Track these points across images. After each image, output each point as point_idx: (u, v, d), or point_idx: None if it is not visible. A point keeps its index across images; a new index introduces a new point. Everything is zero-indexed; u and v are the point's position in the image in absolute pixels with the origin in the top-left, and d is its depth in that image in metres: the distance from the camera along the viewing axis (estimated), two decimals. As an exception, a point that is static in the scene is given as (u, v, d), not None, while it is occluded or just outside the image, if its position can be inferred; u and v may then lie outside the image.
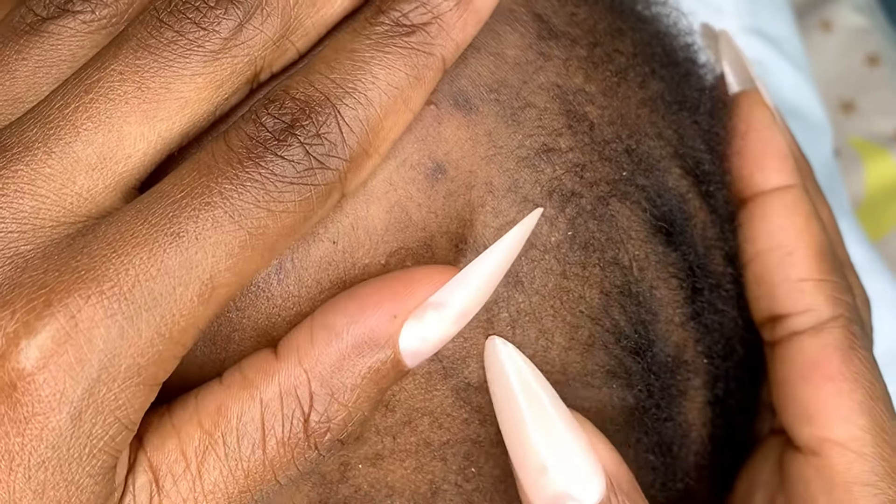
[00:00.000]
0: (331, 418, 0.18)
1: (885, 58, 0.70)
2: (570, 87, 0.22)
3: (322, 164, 0.18)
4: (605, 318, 0.22)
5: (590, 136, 0.22)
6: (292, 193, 0.18)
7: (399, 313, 0.19)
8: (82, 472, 0.17)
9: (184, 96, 0.19)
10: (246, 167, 0.18)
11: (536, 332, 0.21)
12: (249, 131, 0.18)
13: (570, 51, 0.23)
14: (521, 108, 0.22)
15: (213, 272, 0.17)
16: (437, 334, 0.19)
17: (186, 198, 0.18)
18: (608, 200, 0.22)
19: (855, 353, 0.23)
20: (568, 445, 0.19)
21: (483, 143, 0.21)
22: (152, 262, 0.17)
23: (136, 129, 0.18)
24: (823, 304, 0.24)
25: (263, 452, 0.18)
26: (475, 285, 0.19)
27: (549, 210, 0.21)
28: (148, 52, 0.19)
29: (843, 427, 0.23)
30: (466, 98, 0.21)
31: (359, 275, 0.20)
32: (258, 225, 0.18)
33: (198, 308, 0.18)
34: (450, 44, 0.20)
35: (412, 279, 0.19)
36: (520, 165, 0.21)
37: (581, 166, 0.22)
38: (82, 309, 0.17)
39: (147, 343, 0.17)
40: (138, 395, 0.17)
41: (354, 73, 0.19)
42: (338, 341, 0.18)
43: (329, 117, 0.18)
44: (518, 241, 0.19)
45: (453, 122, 0.21)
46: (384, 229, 0.20)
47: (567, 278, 0.21)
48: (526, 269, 0.21)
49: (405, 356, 0.19)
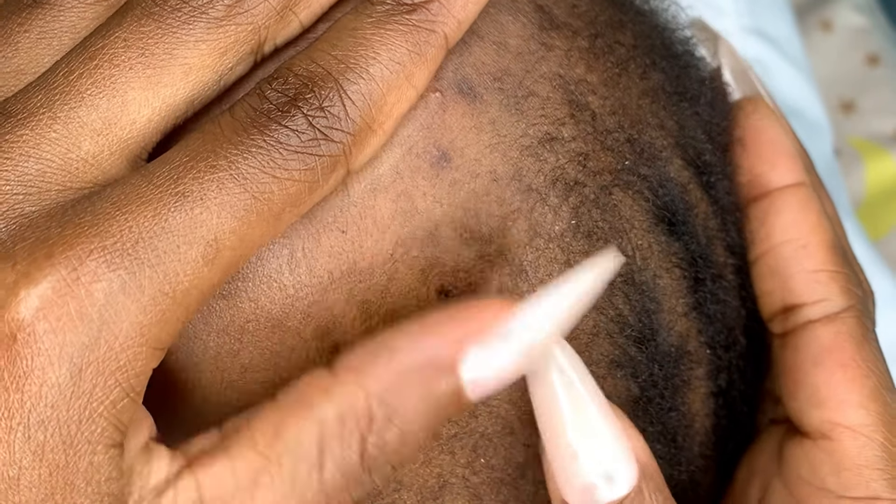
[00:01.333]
0: (387, 442, 0.18)
1: (885, 58, 0.70)
2: (572, 77, 0.22)
3: (326, 136, 0.18)
4: (609, 308, 0.22)
5: (592, 125, 0.22)
6: (297, 162, 0.18)
7: (463, 339, 0.18)
8: (81, 436, 0.17)
9: (188, 62, 0.19)
10: (251, 135, 0.18)
11: None
12: (254, 104, 0.18)
13: (571, 42, 0.23)
14: (525, 97, 0.22)
15: (218, 232, 0.17)
16: (501, 364, 0.18)
17: (191, 161, 0.18)
18: (611, 190, 0.22)
19: (867, 343, 0.24)
20: (601, 433, 0.19)
21: (487, 131, 0.21)
22: (156, 220, 0.17)
23: (141, 94, 0.19)
24: (838, 294, 0.24)
25: (320, 477, 0.17)
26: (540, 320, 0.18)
27: (553, 199, 0.21)
28: (152, 19, 0.19)
29: (856, 412, 0.23)
30: (471, 86, 0.21)
31: (367, 265, 0.20)
32: (263, 190, 0.18)
33: (202, 269, 0.17)
34: (451, 21, 0.20)
35: (478, 308, 0.18)
36: (523, 154, 0.21)
37: (584, 155, 0.22)
38: (84, 262, 0.17)
39: (150, 300, 0.17)
40: (140, 356, 0.17)
41: (356, 50, 0.19)
42: (399, 362, 0.18)
43: (332, 91, 0.18)
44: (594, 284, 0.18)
45: (458, 110, 0.21)
46: (391, 218, 0.20)
47: (571, 267, 0.21)
48: (530, 258, 0.21)
49: (467, 385, 0.18)
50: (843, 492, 0.23)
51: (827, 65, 0.70)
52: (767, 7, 0.63)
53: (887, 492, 0.23)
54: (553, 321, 0.18)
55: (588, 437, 0.19)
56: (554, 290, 0.18)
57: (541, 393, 0.19)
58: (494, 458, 0.21)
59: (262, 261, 0.20)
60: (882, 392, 0.23)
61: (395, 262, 0.20)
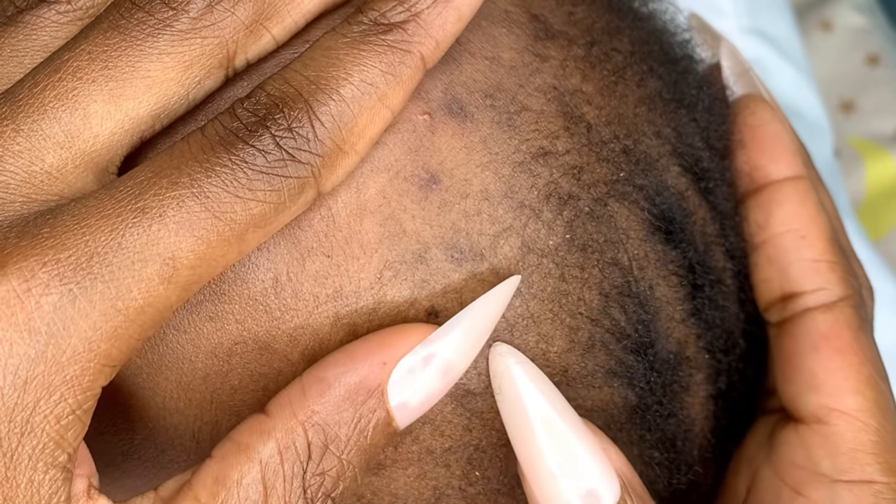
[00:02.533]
0: (325, 470, 0.18)
1: (885, 58, 0.70)
2: (567, 88, 0.22)
3: (293, 157, 0.18)
4: (605, 319, 0.22)
5: (587, 137, 0.22)
6: (262, 182, 0.18)
7: (388, 361, 0.19)
8: (22, 451, 0.17)
9: (151, 75, 0.19)
10: (217, 153, 0.18)
11: (536, 337, 0.21)
12: (225, 122, 0.18)
13: (567, 51, 0.23)
14: (517, 112, 0.22)
15: (176, 251, 0.17)
16: (424, 386, 0.19)
17: (154, 177, 0.18)
18: (606, 201, 0.22)
19: (864, 332, 0.24)
20: (577, 451, 0.19)
21: (478, 150, 0.21)
22: (113, 236, 0.17)
23: (102, 107, 0.19)
24: (836, 283, 0.25)
25: None
26: (460, 337, 0.19)
27: (546, 214, 0.21)
28: (117, 31, 0.19)
29: (852, 398, 0.24)
30: (461, 105, 0.21)
31: (353, 289, 0.20)
32: (225, 209, 0.18)
33: (158, 287, 0.17)
34: (429, 42, 0.20)
35: (401, 331, 0.19)
36: (516, 171, 0.21)
37: (578, 168, 0.22)
38: (37, 274, 0.17)
39: (100, 316, 0.17)
40: (88, 371, 0.17)
41: (328, 70, 0.19)
42: (330, 391, 0.18)
43: (301, 112, 0.18)
44: (502, 299, 0.20)
45: (447, 131, 0.21)
46: (378, 242, 0.20)
47: (565, 281, 0.21)
48: (524, 274, 0.21)
49: (395, 410, 0.19)
50: (837, 475, 0.23)
51: (827, 65, 0.70)
52: (767, 7, 0.63)
53: (881, 475, 0.23)
54: (472, 342, 0.19)
55: (564, 456, 0.19)
56: (467, 313, 0.19)
57: (510, 415, 0.20)
58: (490, 469, 0.21)
59: (247, 284, 0.20)
60: (877, 380, 0.24)
61: (382, 285, 0.20)
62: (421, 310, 0.21)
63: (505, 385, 0.20)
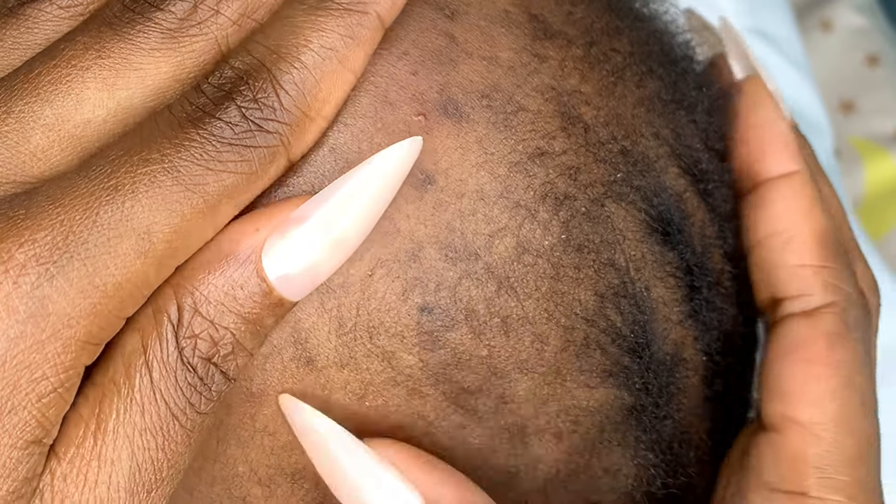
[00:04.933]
0: (196, 333, 0.18)
1: (885, 58, 0.70)
2: (566, 88, 0.22)
3: (261, 127, 0.18)
4: (601, 320, 0.22)
5: (584, 137, 0.22)
6: (232, 153, 0.18)
7: (261, 226, 0.19)
8: (2, 429, 0.17)
9: (143, 68, 0.19)
10: (185, 129, 0.18)
11: (531, 337, 0.21)
12: (191, 98, 0.19)
13: (565, 51, 0.23)
14: (514, 112, 0.22)
15: (150, 225, 0.18)
16: (303, 254, 0.19)
17: (125, 155, 0.18)
18: (603, 202, 0.22)
19: (842, 342, 0.24)
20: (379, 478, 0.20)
21: (474, 150, 0.21)
22: (87, 214, 0.17)
23: (95, 94, 0.19)
24: (819, 289, 0.24)
25: (150, 379, 0.18)
26: (340, 203, 0.19)
27: (542, 214, 0.21)
28: (109, 28, 0.19)
29: (808, 409, 0.23)
30: (457, 106, 0.21)
31: (342, 282, 0.20)
32: (196, 182, 0.18)
33: (134, 261, 0.18)
34: (384, 1, 0.20)
35: (280, 203, 0.19)
36: (512, 171, 0.21)
37: (575, 168, 0.22)
38: (14, 255, 0.17)
39: (78, 293, 0.17)
40: (68, 350, 0.17)
41: (287, 38, 0.19)
42: (201, 256, 0.18)
43: (265, 82, 0.19)
44: (395, 166, 0.19)
45: (443, 132, 0.21)
46: (371, 241, 0.20)
47: (561, 281, 0.21)
48: (518, 273, 0.21)
49: (275, 281, 0.19)
50: (776, 484, 0.23)
51: (827, 65, 0.70)
52: (767, 7, 0.63)
53: (816, 490, 0.22)
54: (355, 206, 0.19)
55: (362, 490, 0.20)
56: (356, 173, 0.19)
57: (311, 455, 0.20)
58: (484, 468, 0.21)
59: None
60: (844, 393, 0.23)
61: (373, 281, 0.20)
62: (413, 306, 0.21)
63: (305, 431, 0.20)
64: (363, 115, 0.21)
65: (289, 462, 0.21)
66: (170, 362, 0.18)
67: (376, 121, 0.21)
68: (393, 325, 0.21)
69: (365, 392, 0.21)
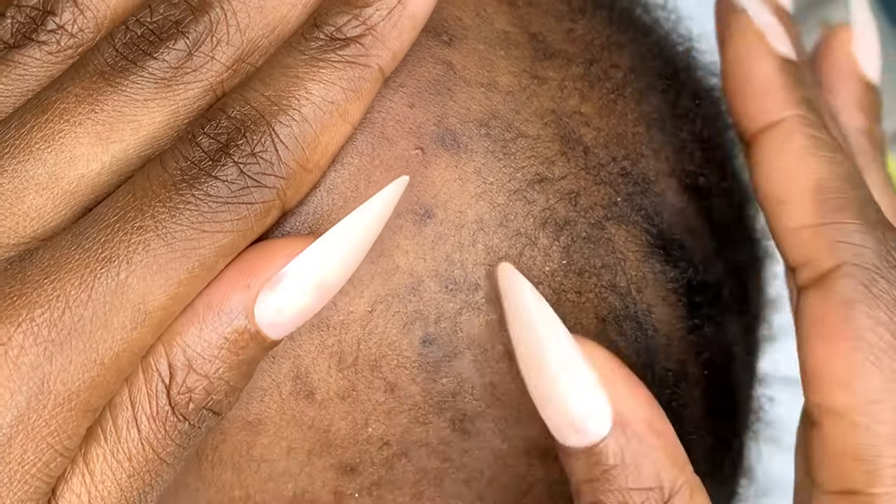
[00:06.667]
0: (191, 388, 0.18)
1: (885, 58, 0.70)
2: (565, 109, 0.22)
3: (258, 182, 0.18)
4: (603, 341, 0.22)
5: (584, 160, 0.22)
6: (228, 213, 0.18)
7: (253, 283, 0.19)
8: (13, 497, 0.17)
9: (137, 119, 0.19)
10: (180, 190, 0.18)
11: None
12: (185, 152, 0.18)
13: (565, 71, 0.23)
14: (513, 139, 0.21)
15: (146, 296, 0.18)
16: (292, 304, 0.19)
17: (119, 222, 0.18)
18: (604, 224, 0.22)
19: (859, 306, 0.20)
20: (577, 373, 0.19)
21: (472, 180, 0.21)
22: (83, 288, 0.17)
23: (89, 150, 0.19)
24: (824, 251, 0.21)
25: (138, 430, 0.18)
26: (328, 255, 0.19)
27: (542, 241, 0.21)
28: (103, 78, 0.19)
29: (838, 394, 0.20)
30: (454, 137, 0.21)
31: (341, 320, 0.20)
32: (192, 246, 0.18)
33: (131, 333, 0.18)
34: (386, 53, 0.20)
35: (269, 250, 0.19)
36: (511, 199, 0.21)
37: (575, 193, 0.22)
38: (12, 336, 0.17)
39: (78, 369, 0.17)
40: (70, 420, 0.17)
41: (289, 90, 0.19)
42: (193, 314, 0.18)
43: (264, 136, 0.18)
44: (378, 213, 0.19)
45: (441, 164, 0.21)
46: (370, 278, 0.20)
47: (562, 306, 0.21)
48: None
49: (264, 328, 0.19)
50: (826, 485, 0.20)
51: (827, 64, 0.70)
52: (768, 5, 0.62)
53: (866, 485, 0.19)
54: (341, 253, 0.19)
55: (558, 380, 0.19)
56: (340, 226, 0.19)
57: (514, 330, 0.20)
58: (488, 490, 0.21)
59: None
60: (871, 365, 0.20)
61: (374, 317, 0.20)
62: (415, 339, 0.20)
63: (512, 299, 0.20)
64: (360, 154, 0.20)
65: (286, 488, 0.21)
66: (160, 417, 0.18)
67: (373, 158, 0.20)
68: (395, 357, 0.20)
69: (367, 421, 0.21)
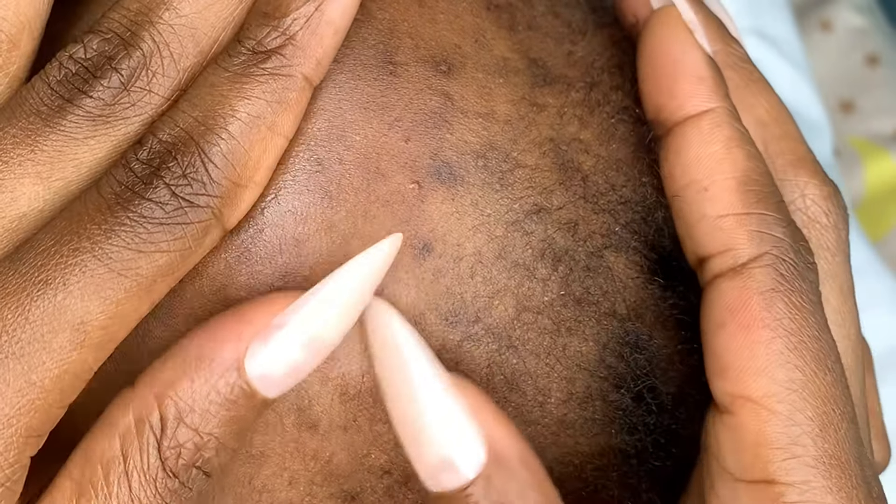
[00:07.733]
0: (181, 443, 0.18)
1: (885, 58, 0.69)
2: (564, 137, 0.22)
3: (191, 202, 0.18)
4: (603, 369, 0.22)
5: (583, 188, 0.22)
6: (163, 234, 0.18)
7: (244, 336, 0.18)
8: None
9: (78, 158, 0.19)
10: (114, 212, 0.18)
11: (533, 390, 0.21)
12: (118, 176, 0.18)
13: (565, 97, 0.22)
14: (510, 169, 0.21)
15: (84, 315, 0.18)
16: (284, 358, 0.18)
17: (55, 245, 0.18)
18: (602, 253, 0.22)
19: (780, 296, 0.20)
20: (447, 409, 0.18)
21: (470, 213, 0.21)
22: (20, 312, 0.17)
23: (31, 189, 0.19)
24: (746, 241, 0.21)
25: (129, 487, 0.18)
26: (322, 308, 0.19)
27: (541, 271, 0.21)
28: (39, 118, 0.19)
29: (756, 381, 0.20)
30: (451, 170, 0.21)
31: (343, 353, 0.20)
32: (128, 267, 0.18)
33: (70, 353, 0.18)
34: (309, 62, 0.19)
35: (261, 303, 0.19)
36: (509, 231, 0.21)
37: (573, 223, 0.22)
38: None
39: (15, 392, 0.17)
40: (12, 446, 0.17)
41: (214, 109, 0.19)
42: (185, 366, 0.18)
43: (193, 157, 0.18)
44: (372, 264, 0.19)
45: (437, 198, 0.21)
46: None
47: (562, 335, 0.21)
48: (518, 332, 0.21)
49: (255, 381, 0.18)
50: (739, 474, 0.20)
51: (827, 65, 0.69)
52: (767, 7, 0.62)
53: (782, 474, 0.19)
54: (332, 310, 0.19)
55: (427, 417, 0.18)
56: (334, 279, 0.19)
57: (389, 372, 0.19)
58: None
59: None
60: (792, 355, 0.20)
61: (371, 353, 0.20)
62: None
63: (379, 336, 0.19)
64: (356, 190, 0.20)
65: None
66: (150, 472, 0.18)
67: (369, 194, 0.20)
68: None
69: (368, 451, 0.21)
